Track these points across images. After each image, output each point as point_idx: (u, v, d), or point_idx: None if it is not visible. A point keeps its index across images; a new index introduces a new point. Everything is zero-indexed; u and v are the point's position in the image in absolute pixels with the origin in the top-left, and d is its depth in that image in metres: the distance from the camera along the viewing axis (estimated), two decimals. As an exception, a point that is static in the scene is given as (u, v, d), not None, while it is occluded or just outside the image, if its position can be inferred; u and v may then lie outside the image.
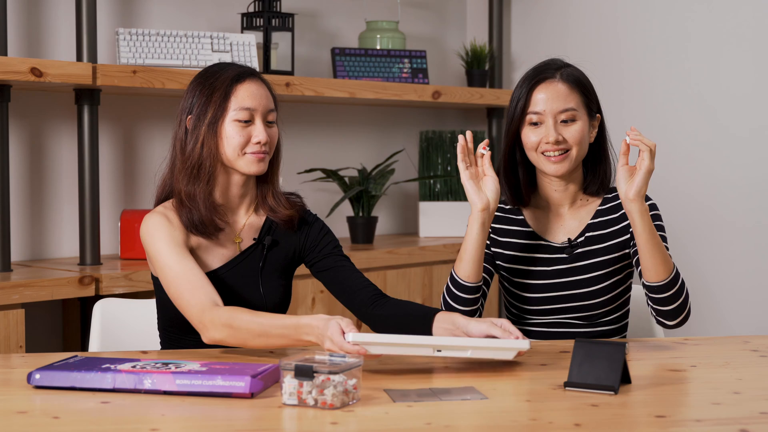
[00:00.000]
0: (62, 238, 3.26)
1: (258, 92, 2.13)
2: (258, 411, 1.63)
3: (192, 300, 1.99)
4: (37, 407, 1.67)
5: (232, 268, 2.15)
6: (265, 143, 2.11)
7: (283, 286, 2.21)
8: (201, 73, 2.16)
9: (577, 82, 2.27)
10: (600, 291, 2.28)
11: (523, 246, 2.33)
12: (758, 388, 1.81)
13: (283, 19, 3.53)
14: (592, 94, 2.30)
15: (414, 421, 1.57)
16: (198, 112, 2.11)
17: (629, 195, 2.07)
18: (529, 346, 1.88)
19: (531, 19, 4.34)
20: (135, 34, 3.16)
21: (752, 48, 3.71)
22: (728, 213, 3.77)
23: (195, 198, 2.10)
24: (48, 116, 3.22)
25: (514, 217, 2.36)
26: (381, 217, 4.11)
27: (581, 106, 2.26)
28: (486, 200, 2.16)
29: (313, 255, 2.23)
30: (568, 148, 2.23)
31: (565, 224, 2.33)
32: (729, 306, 3.78)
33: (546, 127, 2.23)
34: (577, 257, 2.29)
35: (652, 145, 2.05)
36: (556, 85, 2.25)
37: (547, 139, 2.22)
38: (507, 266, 2.33)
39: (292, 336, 1.90)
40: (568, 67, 2.30)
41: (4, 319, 2.67)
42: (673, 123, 3.90)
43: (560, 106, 2.23)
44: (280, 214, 2.19)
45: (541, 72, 2.27)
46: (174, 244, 2.06)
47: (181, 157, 2.13)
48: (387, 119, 4.20)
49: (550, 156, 2.23)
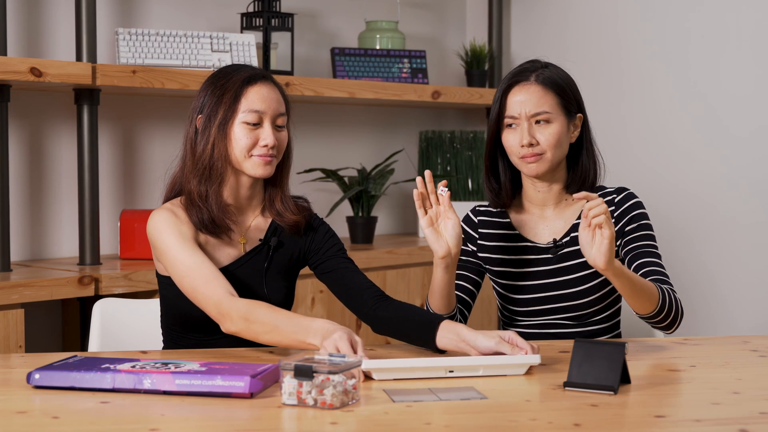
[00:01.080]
0: (62, 238, 3.26)
1: (269, 95, 2.12)
2: (258, 411, 1.63)
3: (208, 292, 1.99)
4: (37, 407, 1.67)
5: (237, 268, 2.16)
6: (273, 147, 2.11)
7: (286, 288, 2.21)
8: (215, 74, 2.17)
9: (552, 84, 2.24)
10: (588, 290, 2.27)
11: (510, 248, 2.33)
12: (758, 388, 1.81)
13: (283, 19, 3.53)
14: (570, 95, 2.27)
15: (414, 421, 1.57)
16: (209, 112, 2.12)
17: (599, 265, 2.01)
18: (539, 361, 1.88)
19: (531, 19, 4.34)
20: (135, 34, 3.16)
21: (752, 47, 3.71)
22: (728, 213, 3.77)
23: (206, 198, 2.11)
24: (48, 116, 3.22)
25: (500, 220, 2.36)
26: (381, 217, 4.11)
27: (557, 108, 2.24)
28: (446, 247, 2.11)
29: (317, 257, 2.23)
30: (542, 151, 2.22)
31: (550, 225, 2.32)
32: (729, 305, 3.78)
33: (521, 129, 2.23)
34: (563, 257, 2.28)
35: (604, 210, 1.99)
36: (530, 87, 2.23)
37: (521, 142, 2.22)
38: (495, 269, 2.34)
39: (300, 337, 1.91)
40: (546, 69, 2.27)
41: (4, 319, 2.67)
42: (673, 123, 3.90)
43: (534, 108, 2.22)
44: (287, 219, 2.19)
45: (517, 74, 2.26)
46: (183, 238, 2.06)
47: (191, 157, 2.14)
48: (387, 119, 4.20)
49: (526, 158, 2.23)
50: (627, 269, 2.07)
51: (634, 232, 2.27)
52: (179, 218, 2.11)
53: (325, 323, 1.89)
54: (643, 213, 2.28)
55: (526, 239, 2.32)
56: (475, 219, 2.39)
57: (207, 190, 2.11)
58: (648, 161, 3.97)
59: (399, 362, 1.85)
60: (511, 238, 2.34)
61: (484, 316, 3.94)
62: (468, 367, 1.86)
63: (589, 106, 2.38)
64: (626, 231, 2.27)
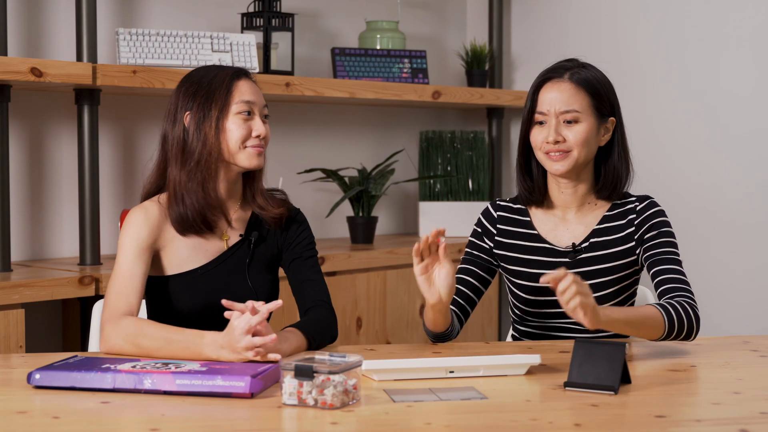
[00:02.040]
0: (62, 238, 3.26)
1: (254, 89, 2.20)
2: (258, 411, 1.63)
3: (110, 303, 2.06)
4: (37, 407, 1.67)
5: (220, 264, 2.18)
6: (264, 137, 2.17)
7: (270, 281, 2.24)
8: (194, 74, 2.19)
9: (586, 83, 2.24)
10: (604, 298, 2.25)
11: (528, 248, 2.31)
12: (758, 388, 1.81)
13: (283, 19, 3.53)
14: (605, 97, 2.26)
15: (414, 421, 1.57)
16: (200, 110, 2.14)
17: (590, 327, 1.95)
18: (540, 361, 1.88)
19: (531, 19, 4.34)
20: (135, 34, 3.16)
21: (752, 47, 3.71)
22: (728, 213, 3.77)
23: (197, 195, 2.13)
24: (48, 116, 3.22)
25: (521, 218, 2.34)
26: (381, 217, 4.11)
27: (587, 108, 2.23)
28: (437, 296, 2.08)
29: (288, 253, 2.26)
30: (569, 149, 2.21)
31: (570, 228, 2.30)
32: (729, 306, 3.78)
33: (548, 126, 2.22)
34: (580, 263, 2.27)
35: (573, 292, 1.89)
36: (562, 84, 2.23)
37: (547, 139, 2.21)
38: (511, 268, 2.32)
39: (193, 350, 1.93)
40: (583, 68, 2.27)
41: (4, 319, 2.67)
42: (673, 123, 3.90)
43: (563, 106, 2.22)
44: (270, 212, 2.21)
45: (551, 71, 2.27)
46: (136, 245, 2.11)
47: (181, 157, 2.15)
48: (387, 119, 4.20)
49: (551, 155, 2.22)
50: (616, 312, 2.00)
51: (655, 239, 2.25)
52: (149, 220, 2.14)
53: (215, 335, 1.91)
54: (664, 221, 2.27)
55: (546, 240, 2.30)
56: (495, 214, 2.36)
57: (198, 188, 2.13)
58: (648, 161, 3.97)
59: (399, 362, 1.86)
60: (530, 237, 2.32)
61: (484, 316, 3.94)
62: (468, 367, 1.86)
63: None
64: (646, 238, 2.26)
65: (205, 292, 2.15)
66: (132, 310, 2.06)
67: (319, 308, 2.17)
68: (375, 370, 1.82)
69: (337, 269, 3.40)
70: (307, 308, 2.19)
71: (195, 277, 2.15)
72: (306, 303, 2.20)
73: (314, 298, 2.19)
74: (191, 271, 2.16)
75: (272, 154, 2.32)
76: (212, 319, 2.08)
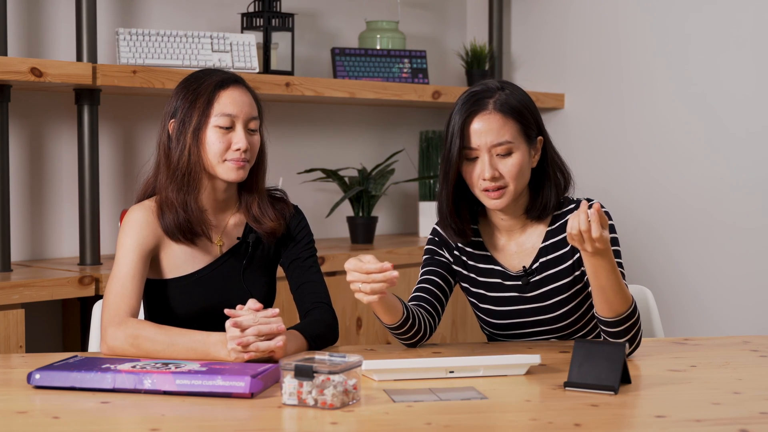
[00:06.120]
0: (62, 238, 3.26)
1: (240, 99, 2.12)
2: (258, 411, 1.63)
3: (111, 304, 2.04)
4: (37, 407, 1.67)
5: (215, 269, 2.17)
6: (246, 150, 2.11)
7: (267, 284, 2.23)
8: (187, 78, 2.17)
9: (511, 110, 2.12)
10: (563, 315, 2.20)
11: (484, 271, 2.24)
12: (758, 388, 1.81)
13: (283, 19, 3.53)
14: (530, 119, 2.15)
15: (414, 421, 1.57)
16: (182, 117, 2.12)
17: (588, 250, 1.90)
18: (539, 361, 1.88)
19: (531, 19, 4.34)
20: (135, 34, 3.16)
21: (753, 48, 3.71)
22: (728, 213, 3.77)
23: (180, 204, 2.12)
24: (48, 116, 3.22)
25: (473, 238, 2.26)
26: (381, 217, 4.11)
27: (518, 136, 2.13)
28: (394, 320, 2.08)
29: (287, 253, 2.25)
30: (506, 185, 2.12)
31: (518, 250, 2.23)
32: (729, 306, 3.78)
33: (482, 162, 2.12)
34: (534, 286, 2.20)
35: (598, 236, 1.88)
36: (489, 116, 2.12)
37: (483, 176, 2.11)
38: (474, 291, 2.26)
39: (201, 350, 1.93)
40: (503, 91, 2.14)
41: (4, 319, 2.67)
42: (673, 123, 3.90)
43: (494, 139, 2.11)
44: (264, 226, 2.19)
45: (474, 104, 2.12)
46: (137, 245, 2.10)
47: (166, 163, 2.14)
48: (387, 119, 4.20)
49: (489, 192, 2.13)
50: (612, 263, 1.96)
51: None
52: (149, 220, 2.13)
53: (222, 335, 1.92)
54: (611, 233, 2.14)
55: (498, 263, 2.23)
56: None
57: (185, 198, 2.12)
58: (647, 162, 3.97)
59: (399, 362, 1.86)
60: (484, 259, 2.25)
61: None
62: (468, 368, 1.87)
63: (588, 106, 2.37)
64: None
65: (202, 296, 2.15)
66: (133, 311, 2.05)
67: (320, 310, 2.17)
68: (375, 370, 1.82)
69: (337, 269, 3.40)
70: (307, 310, 2.18)
71: (191, 282, 2.15)
72: (306, 304, 2.19)
73: (314, 300, 2.19)
74: (187, 275, 2.15)
75: (272, 154, 2.31)
76: (209, 322, 2.09)
